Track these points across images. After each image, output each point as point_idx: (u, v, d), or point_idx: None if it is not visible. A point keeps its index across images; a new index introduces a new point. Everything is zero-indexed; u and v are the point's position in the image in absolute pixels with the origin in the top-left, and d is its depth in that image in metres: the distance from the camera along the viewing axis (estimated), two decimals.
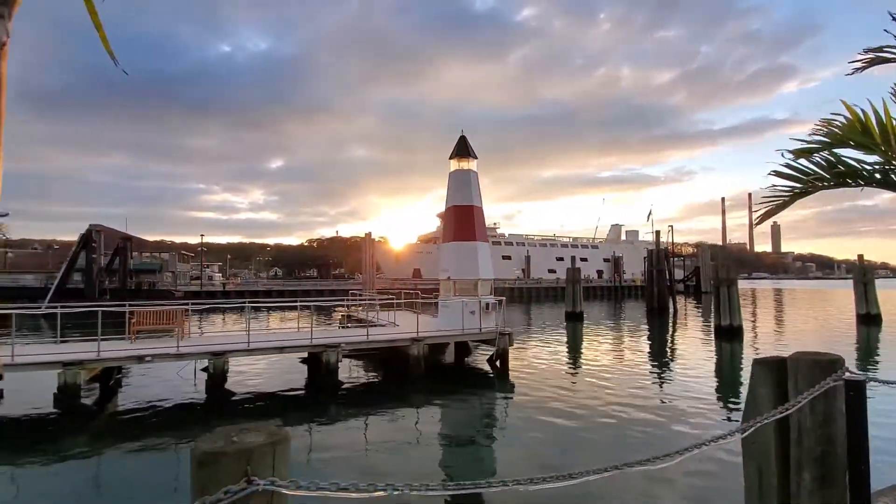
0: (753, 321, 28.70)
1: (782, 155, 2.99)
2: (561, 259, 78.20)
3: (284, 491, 1.46)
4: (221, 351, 10.44)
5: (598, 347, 19.35)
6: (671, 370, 14.53)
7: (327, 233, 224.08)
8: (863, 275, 25.22)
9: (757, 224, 2.87)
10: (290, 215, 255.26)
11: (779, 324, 28.27)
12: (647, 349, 19.23)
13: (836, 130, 2.97)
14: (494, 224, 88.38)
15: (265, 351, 11.20)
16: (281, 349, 11.35)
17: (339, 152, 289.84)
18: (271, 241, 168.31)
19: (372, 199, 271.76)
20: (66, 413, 9.23)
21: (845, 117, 2.96)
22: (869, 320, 24.37)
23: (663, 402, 10.58)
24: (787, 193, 2.77)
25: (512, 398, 11.25)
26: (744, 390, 11.94)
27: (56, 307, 11.41)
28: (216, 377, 10.33)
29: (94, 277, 34.54)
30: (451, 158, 15.12)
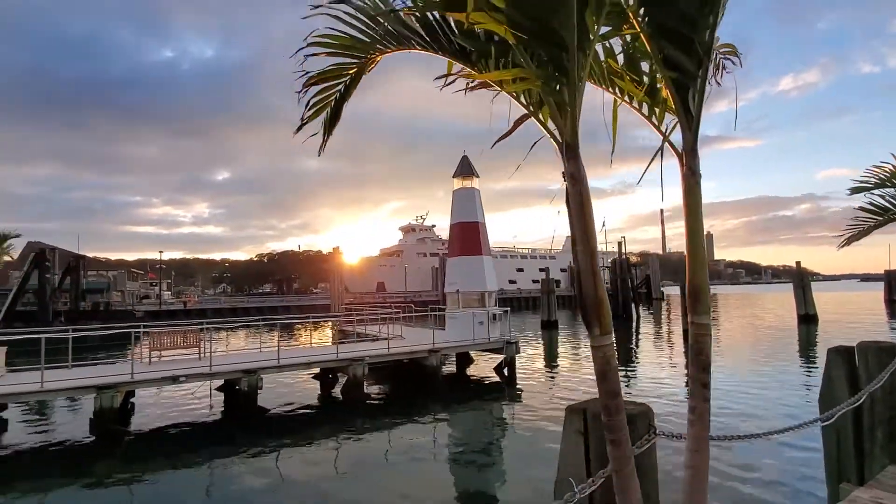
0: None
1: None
2: (521, 270, 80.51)
3: (666, 439, 2.17)
4: (254, 368, 10.54)
5: (583, 353, 20.62)
6: (657, 371, 15.91)
7: (277, 246, 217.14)
8: (801, 280, 28.35)
9: (841, 247, 3.85)
10: (237, 229, 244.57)
11: (733, 325, 30.96)
12: (630, 352, 20.71)
13: (884, 174, 4.04)
14: None
15: (295, 367, 11.37)
16: (309, 364, 11.58)
17: (289, 163, 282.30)
18: (217, 256, 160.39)
19: (324, 212, 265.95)
20: (104, 437, 9.05)
21: (893, 165, 4.05)
22: (808, 319, 27.40)
23: (665, 401, 11.75)
24: (868, 224, 3.79)
25: (526, 403, 11.93)
26: (730, 386, 13.36)
27: (68, 330, 11.04)
28: (249, 394, 10.41)
29: (48, 299, 32.07)
30: (454, 177, 15.94)
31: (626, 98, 1.68)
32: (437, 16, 1.47)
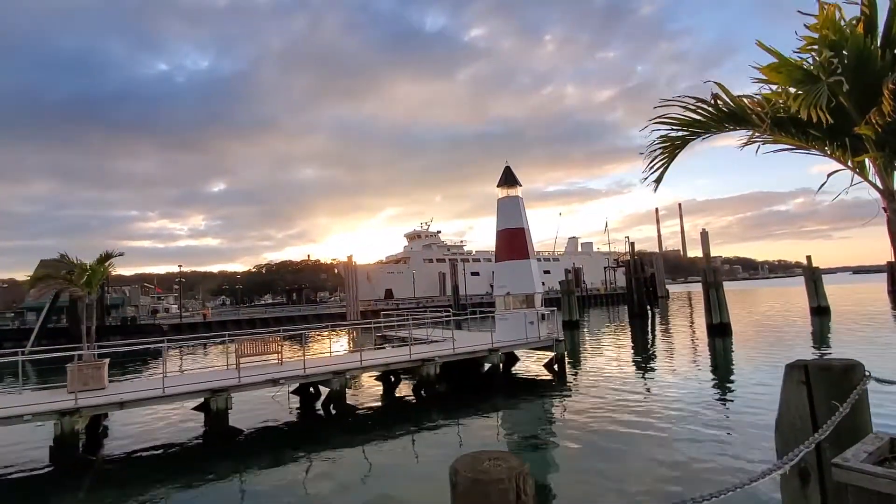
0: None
1: None
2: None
3: (877, 382, 3.11)
4: (343, 370, 11.42)
5: (611, 349, 21.61)
6: (691, 364, 16.89)
7: (274, 257, 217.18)
8: (812, 273, 29.55)
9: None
10: (234, 240, 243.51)
11: (749, 320, 32.04)
12: (657, 349, 21.71)
13: None
14: (461, 241, 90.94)
15: (375, 367, 12.27)
16: (387, 365, 12.46)
17: (286, 173, 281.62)
18: (214, 268, 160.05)
19: (321, 221, 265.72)
20: (219, 438, 9.87)
21: None
22: (821, 311, 28.57)
23: (709, 397, 12.71)
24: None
25: (577, 397, 12.71)
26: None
27: (163, 342, 11.87)
28: (340, 394, 11.28)
29: (81, 315, 32.61)
30: (498, 186, 16.95)
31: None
32: (786, 115, 2.42)
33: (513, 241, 16.16)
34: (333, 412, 11.41)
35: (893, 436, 2.77)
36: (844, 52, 2.02)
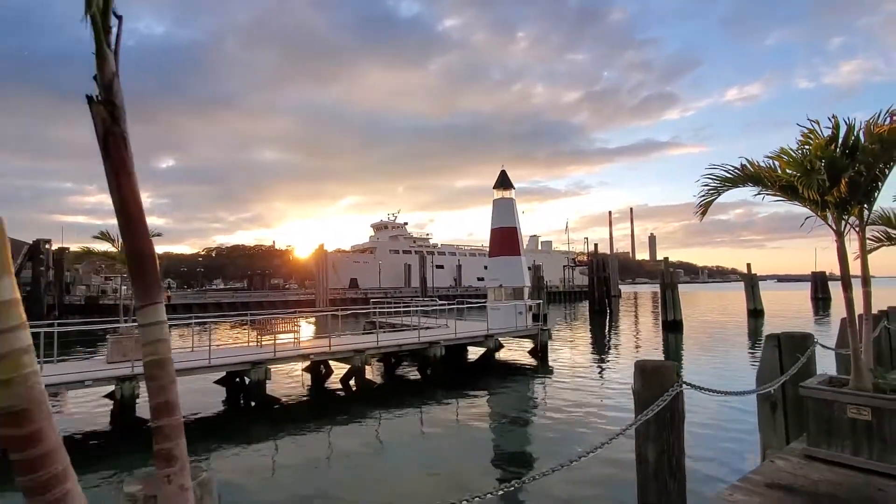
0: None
1: None
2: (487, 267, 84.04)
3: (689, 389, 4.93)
4: (364, 348, 12.72)
5: (580, 340, 23.93)
6: (650, 353, 19.32)
7: (225, 240, 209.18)
8: (750, 280, 33.36)
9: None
10: (182, 221, 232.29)
11: (697, 319, 35.51)
12: (619, 340, 24.24)
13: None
14: (427, 234, 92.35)
15: (389, 348, 13.63)
16: (399, 346, 13.84)
17: (242, 153, 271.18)
18: (159, 249, 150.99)
19: (277, 206, 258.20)
20: (259, 405, 10.97)
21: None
22: (757, 314, 32.40)
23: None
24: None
25: (558, 378, 14.53)
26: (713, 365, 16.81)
27: (190, 317, 12.66)
28: (360, 370, 12.58)
29: (42, 292, 31.44)
30: (494, 188, 18.60)
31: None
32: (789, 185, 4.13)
33: (506, 239, 17.88)
34: (354, 387, 12.67)
35: (831, 375, 4.61)
36: (823, 158, 3.75)
